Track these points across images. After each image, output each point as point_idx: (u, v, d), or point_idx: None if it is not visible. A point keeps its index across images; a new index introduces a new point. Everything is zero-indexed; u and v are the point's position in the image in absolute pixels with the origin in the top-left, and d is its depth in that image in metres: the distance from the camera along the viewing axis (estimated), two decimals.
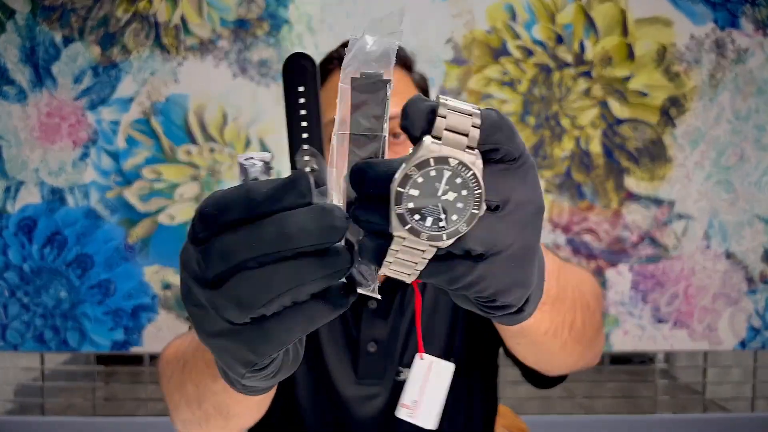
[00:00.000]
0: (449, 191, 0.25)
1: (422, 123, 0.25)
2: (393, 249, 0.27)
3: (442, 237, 0.26)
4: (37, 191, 1.51)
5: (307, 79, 0.28)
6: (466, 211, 0.25)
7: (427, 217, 0.26)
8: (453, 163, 0.25)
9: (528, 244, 0.28)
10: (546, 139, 1.52)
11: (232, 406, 0.49)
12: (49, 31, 1.49)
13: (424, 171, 0.25)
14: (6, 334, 1.52)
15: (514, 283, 0.29)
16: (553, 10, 1.50)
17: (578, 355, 0.55)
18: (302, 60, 0.28)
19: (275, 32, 1.49)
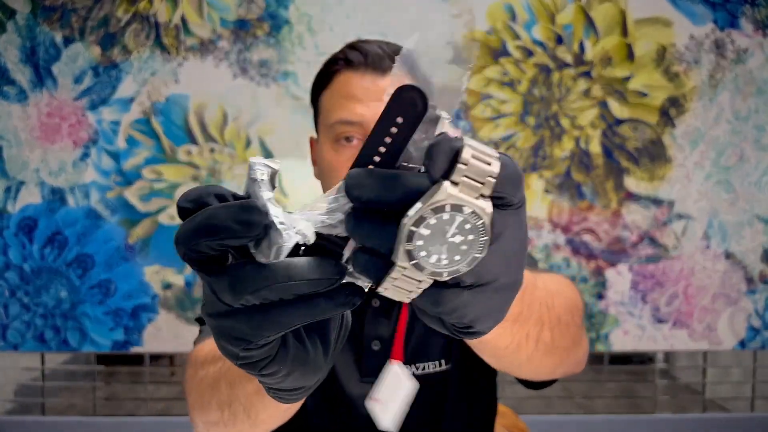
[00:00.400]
0: (457, 234, 0.26)
1: (444, 166, 0.26)
2: (392, 276, 0.28)
3: (443, 274, 0.27)
4: (37, 191, 1.51)
5: (410, 113, 0.28)
6: (469, 254, 0.27)
7: (432, 255, 0.27)
8: (467, 211, 0.26)
9: (512, 279, 0.31)
10: (546, 139, 1.52)
11: (261, 411, 0.49)
12: (50, 31, 1.49)
13: (438, 215, 0.26)
14: (6, 334, 1.52)
15: (491, 313, 0.31)
16: (553, 10, 1.50)
17: (551, 366, 0.56)
18: (416, 97, 0.28)
19: (275, 32, 1.50)
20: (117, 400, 1.88)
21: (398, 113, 0.28)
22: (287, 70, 1.50)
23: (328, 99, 0.72)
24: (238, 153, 1.51)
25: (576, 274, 1.54)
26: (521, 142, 1.52)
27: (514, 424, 0.97)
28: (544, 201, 1.53)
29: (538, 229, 1.54)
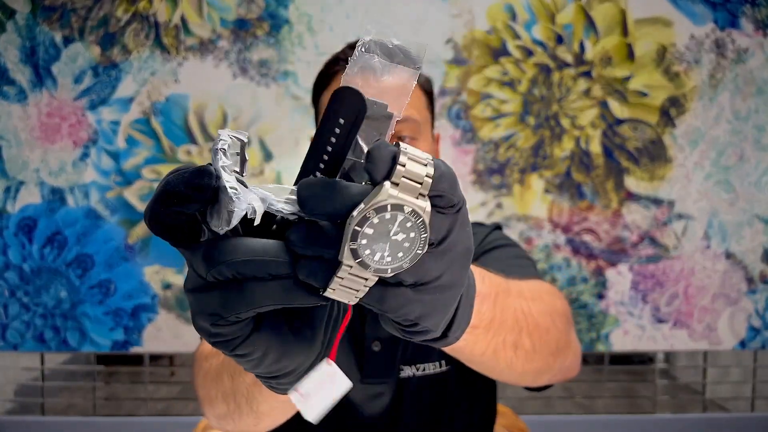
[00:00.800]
0: (400, 233, 0.28)
1: (384, 170, 0.28)
2: (339, 276, 0.29)
3: (387, 271, 0.29)
4: (37, 191, 1.51)
5: (350, 115, 0.29)
6: (411, 251, 0.29)
7: (376, 253, 0.28)
8: (407, 210, 0.28)
9: (453, 279, 0.32)
10: (546, 139, 1.52)
11: (261, 403, 0.50)
12: (50, 31, 1.49)
13: (380, 214, 0.28)
14: (6, 334, 1.52)
15: (435, 311, 0.32)
16: (553, 10, 1.50)
17: (534, 372, 0.56)
18: (354, 97, 0.29)
19: (275, 32, 1.49)
20: (117, 400, 1.88)
21: (339, 115, 0.29)
22: (287, 70, 1.50)
23: (323, 100, 0.72)
24: None
25: (576, 274, 1.54)
26: (521, 141, 1.52)
27: (514, 424, 0.97)
28: (545, 201, 1.53)
29: (538, 229, 1.53)
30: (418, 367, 0.74)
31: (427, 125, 0.73)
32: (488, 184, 1.53)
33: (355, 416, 0.73)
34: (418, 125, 0.70)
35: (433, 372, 0.74)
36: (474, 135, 1.52)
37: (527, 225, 1.53)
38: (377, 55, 0.30)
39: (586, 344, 1.55)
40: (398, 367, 0.73)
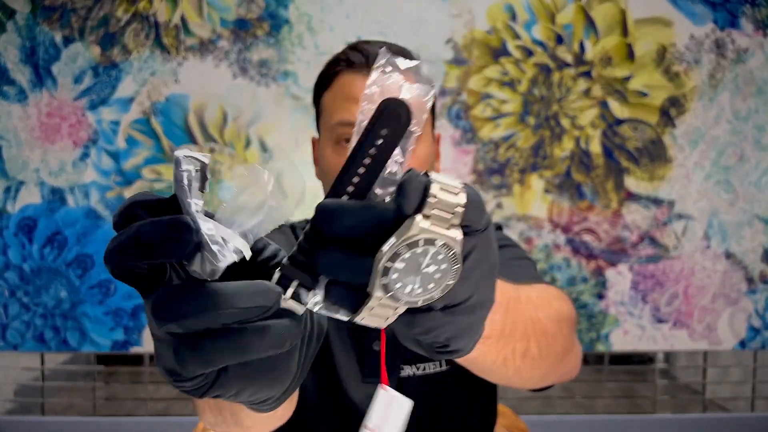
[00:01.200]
0: (431, 265, 0.28)
1: (416, 202, 0.27)
2: (369, 306, 0.28)
3: (418, 302, 0.28)
4: (37, 191, 1.51)
5: (395, 126, 0.29)
6: (443, 282, 0.28)
7: (407, 286, 0.28)
8: (439, 243, 0.27)
9: (482, 298, 0.31)
10: (546, 139, 1.52)
11: (245, 419, 0.49)
12: (50, 31, 1.49)
13: (412, 249, 0.27)
14: (6, 334, 1.52)
15: (465, 332, 0.32)
16: (553, 10, 1.50)
17: (539, 377, 0.56)
18: (401, 110, 0.29)
19: (275, 32, 1.49)
20: (117, 400, 1.88)
21: (384, 126, 0.29)
22: (287, 70, 1.50)
23: (329, 100, 0.72)
24: (238, 153, 1.51)
25: (576, 274, 1.54)
26: (521, 141, 1.52)
27: (514, 424, 0.97)
28: (545, 201, 1.53)
29: (538, 229, 1.53)
30: (419, 367, 0.74)
31: (427, 125, 0.73)
32: (488, 184, 1.53)
33: (356, 415, 0.73)
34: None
35: (432, 371, 0.74)
36: (474, 135, 1.52)
37: (527, 225, 1.53)
38: (394, 74, 0.30)
39: (586, 344, 1.55)
40: (399, 367, 0.73)
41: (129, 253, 0.26)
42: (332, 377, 0.73)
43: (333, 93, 0.71)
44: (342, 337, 0.74)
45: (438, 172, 0.68)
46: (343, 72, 0.70)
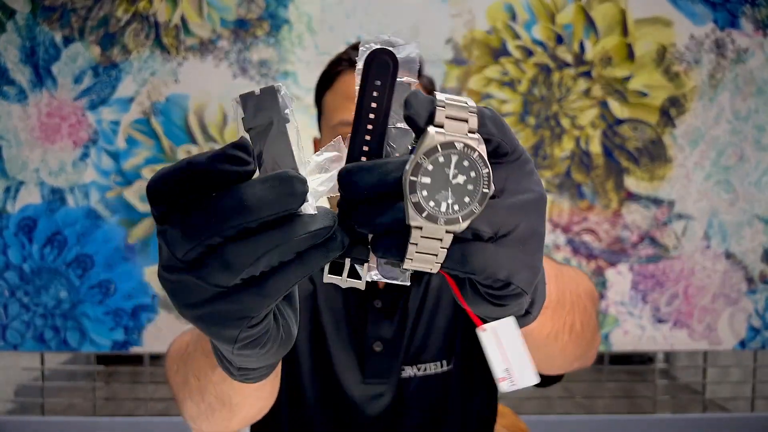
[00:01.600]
0: (459, 175, 0.27)
1: (425, 113, 0.27)
2: (412, 243, 0.28)
3: (458, 219, 0.27)
4: (37, 191, 1.51)
5: (385, 72, 0.29)
6: (477, 192, 0.27)
7: (441, 203, 0.27)
8: (459, 147, 0.26)
9: (533, 228, 0.30)
10: (546, 140, 1.52)
11: (233, 396, 0.49)
12: (50, 31, 1.49)
13: (433, 158, 0.26)
14: (6, 334, 1.52)
15: (524, 266, 0.30)
16: (553, 10, 1.50)
17: (576, 356, 0.56)
18: (385, 56, 0.30)
19: (275, 32, 1.50)
20: (117, 401, 1.88)
21: (375, 77, 0.29)
22: (287, 70, 1.50)
23: (331, 99, 0.72)
24: None
25: None
26: (522, 141, 1.51)
27: (514, 424, 0.97)
28: None
29: None
30: (420, 367, 0.74)
31: None
32: None
33: (356, 416, 0.73)
34: None
35: (434, 372, 0.74)
36: None
37: None
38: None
39: None
40: (400, 368, 0.73)
41: (235, 218, 0.26)
42: (331, 377, 0.73)
43: (334, 93, 0.71)
44: (341, 338, 0.74)
45: None
46: (344, 72, 0.70)
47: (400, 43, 0.31)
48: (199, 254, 0.27)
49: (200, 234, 0.26)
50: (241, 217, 0.26)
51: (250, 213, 0.26)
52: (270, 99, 0.29)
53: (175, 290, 0.29)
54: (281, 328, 0.32)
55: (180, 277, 0.28)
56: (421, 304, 0.75)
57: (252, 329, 0.29)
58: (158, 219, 0.28)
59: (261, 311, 0.29)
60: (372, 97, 0.29)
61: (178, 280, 0.28)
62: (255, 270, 0.27)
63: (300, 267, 0.28)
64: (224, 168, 0.26)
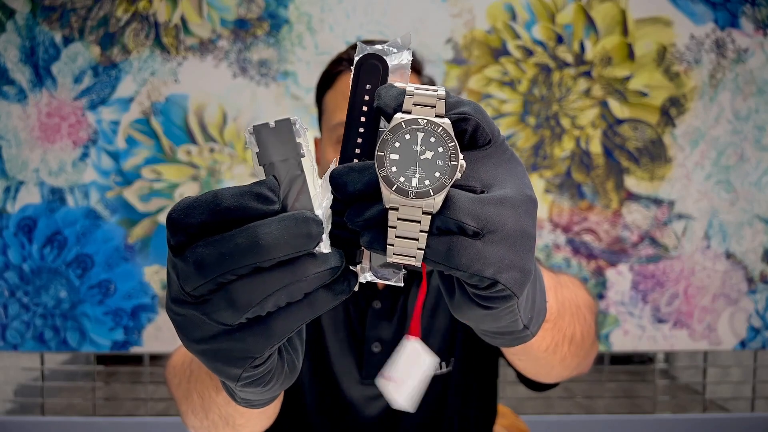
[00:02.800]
0: (426, 150, 0.28)
1: (393, 102, 0.28)
2: (390, 227, 0.28)
3: (429, 192, 0.27)
4: (37, 191, 1.51)
5: (375, 75, 0.31)
6: (447, 166, 0.27)
7: (411, 178, 0.27)
8: (423, 123, 0.27)
9: (522, 227, 0.29)
10: (546, 139, 1.52)
11: (237, 417, 0.49)
12: (49, 31, 1.49)
13: (398, 134, 0.28)
14: (6, 334, 1.52)
15: (512, 265, 0.29)
16: (553, 10, 1.50)
17: (575, 365, 0.56)
18: (375, 60, 0.31)
19: (275, 32, 1.49)
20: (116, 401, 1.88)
21: (366, 80, 0.30)
22: (287, 70, 1.50)
23: (331, 100, 0.72)
24: (238, 153, 1.51)
25: (576, 274, 1.54)
26: (522, 141, 1.52)
27: (513, 424, 0.97)
28: (545, 201, 1.53)
29: (538, 229, 1.53)
30: None
31: None
32: None
33: (355, 417, 0.73)
34: None
35: (434, 373, 0.74)
36: None
37: None
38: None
39: None
40: None
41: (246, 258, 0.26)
42: (329, 378, 0.73)
43: (334, 93, 0.71)
44: (339, 339, 0.73)
45: None
46: (344, 72, 0.70)
47: (392, 52, 0.32)
48: (207, 290, 0.27)
49: (213, 271, 0.26)
50: (256, 256, 0.26)
51: (266, 253, 0.26)
52: (285, 133, 0.30)
53: (180, 324, 0.29)
54: (286, 364, 0.32)
55: (186, 311, 0.28)
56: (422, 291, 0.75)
57: (255, 369, 0.29)
58: (174, 249, 0.28)
59: (265, 352, 0.28)
60: (363, 101, 0.30)
61: (185, 314, 0.28)
62: (261, 310, 0.27)
63: (308, 308, 0.28)
64: (250, 206, 0.27)
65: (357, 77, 0.30)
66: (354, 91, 0.30)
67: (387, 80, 0.31)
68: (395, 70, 0.31)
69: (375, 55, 0.30)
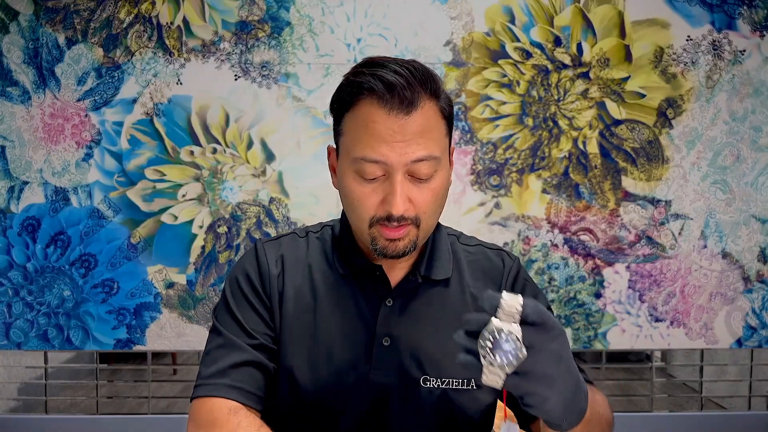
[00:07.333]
0: (506, 343, 0.49)
1: (492, 311, 0.50)
2: (485, 372, 0.50)
3: (505, 367, 0.49)
4: (40, 191, 1.52)
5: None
6: (516, 355, 0.49)
7: (497, 357, 0.49)
8: (506, 330, 0.49)
9: (545, 371, 0.51)
10: (544, 140, 1.54)
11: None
12: (53, 32, 1.51)
13: (490, 335, 0.49)
14: (10, 333, 1.53)
15: (534, 393, 0.51)
16: (551, 12, 1.52)
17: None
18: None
19: (277, 34, 1.51)
20: (119, 398, 1.90)
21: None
22: (288, 72, 1.51)
23: (351, 125, 0.69)
24: (240, 153, 1.53)
25: (574, 273, 1.56)
26: (520, 142, 1.54)
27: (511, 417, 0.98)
28: (543, 201, 1.55)
29: (536, 228, 1.55)
30: (443, 381, 0.75)
31: (445, 153, 0.71)
32: (487, 185, 1.54)
33: (352, 406, 0.74)
34: (438, 161, 0.68)
35: (457, 387, 0.75)
36: (473, 136, 1.53)
37: (525, 225, 1.55)
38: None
39: (584, 342, 1.57)
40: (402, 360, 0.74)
41: None
42: (330, 367, 0.74)
43: (355, 119, 0.68)
44: (348, 331, 0.74)
45: (449, 183, 0.73)
46: (364, 99, 0.68)
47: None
48: None
49: None
50: None
51: None
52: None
53: None
54: None
55: None
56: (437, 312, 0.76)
57: None
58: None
59: None
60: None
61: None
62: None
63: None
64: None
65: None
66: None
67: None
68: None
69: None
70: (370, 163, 0.67)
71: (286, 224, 1.53)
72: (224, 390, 0.69)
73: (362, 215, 0.69)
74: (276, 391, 0.74)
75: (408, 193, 0.67)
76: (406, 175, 0.67)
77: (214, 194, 1.53)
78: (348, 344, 0.74)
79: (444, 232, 0.82)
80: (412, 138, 0.66)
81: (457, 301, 0.78)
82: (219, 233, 1.53)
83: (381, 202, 0.68)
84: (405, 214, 0.67)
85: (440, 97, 0.70)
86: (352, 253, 0.77)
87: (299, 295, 0.76)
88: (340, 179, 0.73)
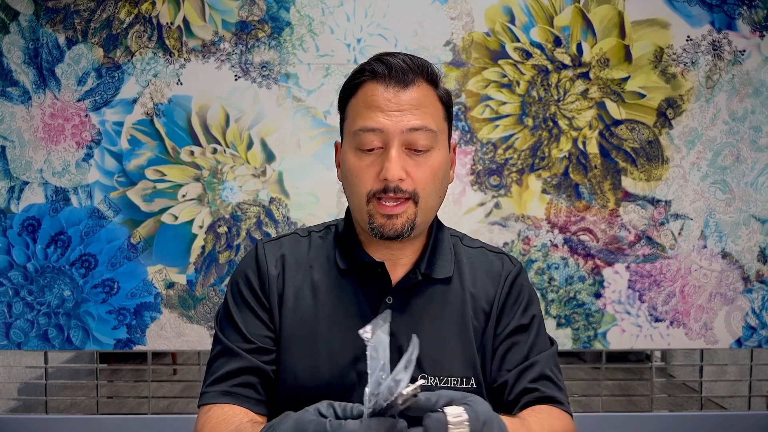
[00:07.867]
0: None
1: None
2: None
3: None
4: (41, 191, 1.52)
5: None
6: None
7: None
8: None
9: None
10: (544, 140, 1.54)
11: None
12: (53, 32, 1.51)
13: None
14: (10, 333, 1.53)
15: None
16: (551, 12, 1.52)
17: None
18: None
19: (277, 34, 1.51)
20: (120, 398, 1.90)
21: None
22: (288, 72, 1.52)
23: (353, 107, 0.75)
24: (240, 154, 1.53)
25: (574, 273, 1.56)
26: (519, 142, 1.54)
27: None
28: (542, 201, 1.55)
29: (536, 228, 1.55)
30: (441, 379, 0.75)
31: (443, 135, 0.76)
32: (487, 185, 1.54)
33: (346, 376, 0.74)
34: (435, 135, 0.72)
35: (453, 385, 0.75)
36: (473, 136, 1.54)
37: (525, 225, 1.55)
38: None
39: (584, 342, 1.57)
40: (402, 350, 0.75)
41: None
42: (331, 361, 0.74)
43: (356, 101, 0.74)
44: (348, 327, 0.75)
45: (452, 180, 0.77)
46: (367, 81, 0.73)
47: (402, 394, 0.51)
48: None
49: None
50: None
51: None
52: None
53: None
54: None
55: None
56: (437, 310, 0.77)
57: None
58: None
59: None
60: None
61: None
62: None
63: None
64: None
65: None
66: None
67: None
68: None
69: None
70: (367, 132, 0.70)
71: (286, 224, 1.53)
72: (221, 397, 0.71)
73: (360, 191, 0.71)
74: (278, 390, 0.75)
75: (405, 165, 0.70)
76: (403, 147, 0.70)
77: (214, 194, 1.53)
78: (348, 342, 0.75)
79: (447, 232, 0.83)
80: (408, 109, 0.70)
81: (457, 300, 0.78)
82: (219, 233, 1.53)
83: (378, 175, 0.70)
84: (402, 185, 0.70)
85: (438, 86, 0.74)
86: (355, 248, 0.77)
87: (299, 294, 0.77)
88: (343, 162, 0.76)
